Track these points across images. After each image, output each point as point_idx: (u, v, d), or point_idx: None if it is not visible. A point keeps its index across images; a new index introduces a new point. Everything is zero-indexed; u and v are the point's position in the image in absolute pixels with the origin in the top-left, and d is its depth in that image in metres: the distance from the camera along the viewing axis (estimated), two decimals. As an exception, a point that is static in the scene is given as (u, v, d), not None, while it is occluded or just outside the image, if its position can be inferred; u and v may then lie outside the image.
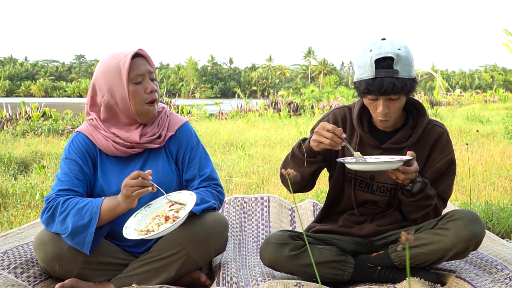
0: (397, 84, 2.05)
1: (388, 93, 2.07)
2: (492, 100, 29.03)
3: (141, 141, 2.30)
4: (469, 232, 2.07)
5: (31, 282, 2.18)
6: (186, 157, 2.40)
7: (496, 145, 8.00)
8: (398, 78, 2.06)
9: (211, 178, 2.40)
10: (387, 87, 2.05)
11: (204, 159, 2.44)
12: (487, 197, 4.35)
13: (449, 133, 2.35)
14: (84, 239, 2.08)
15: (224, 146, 8.80)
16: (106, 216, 2.11)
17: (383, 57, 2.07)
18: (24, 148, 8.08)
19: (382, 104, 2.12)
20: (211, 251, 2.27)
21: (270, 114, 16.63)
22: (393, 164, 2.04)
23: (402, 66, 2.07)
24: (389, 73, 2.06)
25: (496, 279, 2.20)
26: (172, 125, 2.41)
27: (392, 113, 2.16)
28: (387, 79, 2.05)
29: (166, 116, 2.42)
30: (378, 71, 2.07)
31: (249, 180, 5.51)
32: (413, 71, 2.13)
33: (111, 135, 2.28)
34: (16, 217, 3.97)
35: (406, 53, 2.10)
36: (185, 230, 2.18)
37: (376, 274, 2.25)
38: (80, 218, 2.08)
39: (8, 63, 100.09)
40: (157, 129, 2.35)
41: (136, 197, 2.05)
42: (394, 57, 2.06)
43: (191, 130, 2.47)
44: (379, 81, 2.06)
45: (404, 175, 2.07)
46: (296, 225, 3.32)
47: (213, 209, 2.29)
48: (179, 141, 2.41)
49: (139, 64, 2.28)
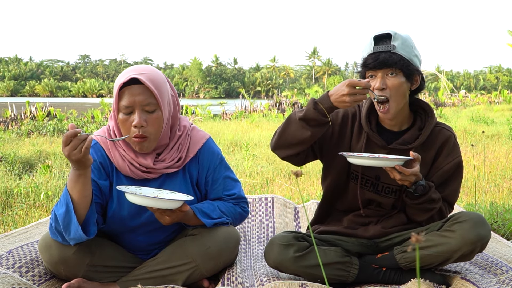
0: (393, 57, 2.13)
1: (384, 66, 2.13)
2: (497, 101, 28.96)
3: (157, 167, 2.18)
4: (475, 234, 2.06)
5: (36, 281, 2.18)
6: (209, 179, 2.30)
7: (501, 146, 7.97)
8: (395, 52, 2.14)
9: (239, 197, 2.35)
10: (383, 58, 2.13)
11: (230, 178, 2.35)
12: (492, 198, 4.33)
13: (456, 137, 2.35)
14: (74, 225, 1.97)
15: (228, 147, 8.79)
16: (74, 190, 1.97)
17: (382, 34, 2.18)
18: (29, 147, 8.10)
19: (379, 78, 2.16)
20: (220, 265, 2.26)
21: (274, 115, 16.62)
22: (388, 162, 2.06)
23: (400, 44, 2.15)
24: (386, 48, 2.15)
25: (501, 280, 2.19)
26: (192, 146, 2.27)
27: (391, 91, 2.16)
28: (384, 53, 2.14)
29: (187, 136, 2.27)
30: (376, 47, 2.17)
31: (253, 180, 5.51)
32: (414, 58, 2.19)
33: (128, 156, 2.16)
34: (21, 216, 3.98)
35: (406, 36, 2.19)
36: (197, 243, 2.17)
37: (381, 275, 2.25)
38: (60, 208, 1.99)
39: (13, 63, 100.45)
40: (176, 154, 2.22)
41: (86, 153, 1.88)
42: (392, 34, 2.16)
43: (213, 148, 2.33)
44: (376, 54, 2.15)
45: (400, 175, 2.07)
46: (300, 226, 3.32)
47: (225, 223, 2.25)
48: (200, 163, 2.28)
49: (132, 93, 2.07)
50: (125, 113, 2.09)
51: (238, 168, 6.33)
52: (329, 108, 2.11)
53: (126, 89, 2.08)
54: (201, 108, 18.41)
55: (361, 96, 2.05)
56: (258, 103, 21.17)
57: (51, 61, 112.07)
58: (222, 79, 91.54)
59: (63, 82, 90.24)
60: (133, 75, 2.06)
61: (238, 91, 48.18)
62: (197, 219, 2.15)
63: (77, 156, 1.88)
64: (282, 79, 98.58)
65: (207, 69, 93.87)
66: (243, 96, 20.64)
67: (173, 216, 2.06)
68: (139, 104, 2.07)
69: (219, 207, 2.24)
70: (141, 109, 2.08)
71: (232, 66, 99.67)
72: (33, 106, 15.45)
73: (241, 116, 16.87)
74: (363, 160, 2.09)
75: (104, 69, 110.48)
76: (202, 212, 2.17)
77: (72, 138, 1.87)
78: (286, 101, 19.49)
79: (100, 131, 2.23)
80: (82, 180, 1.97)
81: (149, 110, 2.09)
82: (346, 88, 2.04)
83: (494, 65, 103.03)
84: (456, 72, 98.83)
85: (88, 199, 2.01)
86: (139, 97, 2.07)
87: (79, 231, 1.98)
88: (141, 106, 2.08)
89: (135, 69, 2.11)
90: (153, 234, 2.29)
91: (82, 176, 1.96)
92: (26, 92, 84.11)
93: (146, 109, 2.09)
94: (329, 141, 2.34)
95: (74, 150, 1.87)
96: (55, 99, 55.13)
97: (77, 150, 1.87)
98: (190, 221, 2.16)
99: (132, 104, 2.07)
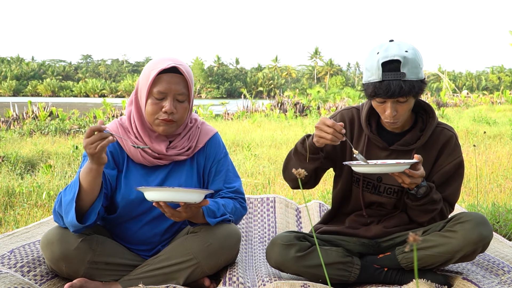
0: (404, 87, 2.05)
1: (395, 96, 2.07)
2: (499, 101, 28.91)
3: (169, 153, 2.27)
4: (477, 234, 2.06)
5: (38, 281, 2.18)
6: (212, 170, 2.39)
7: (503, 146, 7.96)
8: (406, 80, 2.06)
9: (238, 192, 2.40)
10: (394, 90, 2.05)
11: (232, 172, 2.43)
12: (494, 198, 4.33)
13: (458, 137, 2.35)
14: (71, 210, 2.01)
15: (230, 147, 8.79)
16: (85, 181, 2.01)
17: (390, 60, 2.07)
18: (31, 147, 8.10)
19: (390, 106, 2.12)
20: (221, 263, 2.27)
21: (276, 115, 16.61)
22: (399, 167, 2.03)
23: (409, 69, 2.07)
24: (396, 76, 2.06)
25: (503, 281, 2.19)
26: (202, 137, 2.38)
27: (401, 115, 2.15)
28: (394, 82, 2.05)
29: (197, 128, 2.38)
30: (385, 74, 2.07)
31: (255, 180, 5.51)
32: (421, 73, 2.12)
33: (141, 143, 2.25)
34: (22, 216, 3.99)
35: (414, 55, 2.09)
36: (198, 240, 2.19)
37: (383, 275, 2.25)
38: (68, 193, 2.05)
39: (15, 63, 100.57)
40: (187, 143, 2.32)
41: (100, 150, 1.94)
42: (401, 59, 2.05)
43: (220, 142, 2.44)
44: (386, 84, 2.06)
45: (410, 179, 2.06)
46: (302, 226, 3.32)
47: (227, 221, 2.27)
48: (207, 153, 2.39)
49: (169, 81, 2.18)
50: (157, 98, 2.18)
51: (240, 168, 6.33)
52: (311, 146, 2.17)
53: (164, 76, 2.17)
54: (203, 108, 18.40)
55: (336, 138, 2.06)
56: (260, 103, 21.15)
57: (53, 61, 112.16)
58: (224, 79, 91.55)
59: (65, 82, 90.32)
60: (174, 64, 2.17)
61: (240, 91, 48.21)
62: (203, 217, 2.16)
63: (92, 151, 1.94)
64: (284, 79, 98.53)
65: (209, 69, 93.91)
66: (245, 96, 20.62)
67: (189, 212, 2.09)
68: (174, 93, 2.18)
69: (223, 206, 2.25)
70: (174, 97, 2.19)
71: (234, 66, 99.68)
72: (35, 106, 15.46)
73: (243, 116, 16.87)
74: (371, 168, 2.07)
75: (106, 69, 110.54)
76: (209, 211, 2.18)
77: (94, 132, 1.93)
78: (288, 101, 19.44)
79: (112, 123, 2.31)
80: (93, 174, 2.02)
81: (180, 99, 2.21)
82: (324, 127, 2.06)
83: (496, 65, 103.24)
84: (458, 73, 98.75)
85: (95, 192, 2.06)
86: (176, 86, 2.18)
87: (74, 220, 2.01)
88: (175, 94, 2.19)
89: (173, 59, 2.22)
90: (157, 222, 2.31)
91: (94, 170, 2.01)
92: (28, 92, 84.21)
93: (178, 98, 2.20)
94: (334, 152, 2.35)
95: (92, 144, 1.93)
96: (57, 99, 55.23)
97: (94, 145, 1.93)
98: (198, 219, 2.18)
99: (168, 91, 2.17)
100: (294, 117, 16.15)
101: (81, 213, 2.06)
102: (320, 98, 25.29)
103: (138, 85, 2.27)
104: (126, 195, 2.25)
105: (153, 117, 2.20)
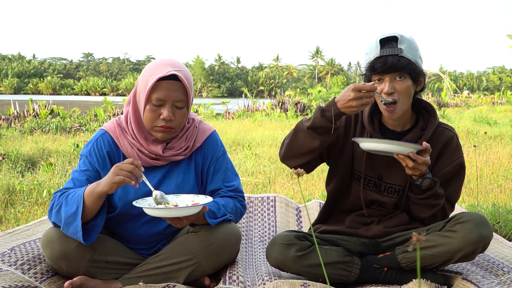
0: (402, 61, 2.12)
1: (392, 70, 2.12)
2: (500, 102, 28.94)
3: (166, 154, 2.26)
4: (477, 235, 2.06)
5: (38, 279, 2.18)
6: (210, 169, 2.38)
7: (504, 147, 7.96)
8: (403, 56, 2.13)
9: (237, 190, 2.39)
10: (391, 63, 2.12)
11: (230, 171, 2.42)
12: (494, 199, 4.33)
13: (459, 137, 2.35)
14: (76, 228, 2.03)
15: (230, 146, 8.79)
16: (89, 200, 2.03)
17: (388, 37, 2.17)
18: (32, 145, 8.11)
19: (387, 81, 2.15)
20: (221, 262, 2.27)
21: (277, 114, 16.61)
22: (406, 148, 2.05)
23: (406, 47, 2.15)
24: (393, 51, 2.14)
25: (502, 281, 2.19)
26: (199, 136, 2.37)
27: (399, 94, 2.16)
28: (391, 56, 2.13)
29: (195, 128, 2.37)
30: (383, 50, 2.15)
31: (256, 179, 5.51)
32: (419, 60, 2.19)
33: (137, 143, 2.25)
34: (23, 214, 3.99)
35: (412, 39, 2.18)
36: (199, 240, 2.19)
37: (383, 275, 2.25)
38: (69, 208, 2.05)
39: (16, 61, 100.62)
40: (184, 143, 2.32)
41: (118, 182, 1.97)
42: (398, 36, 2.15)
43: (218, 140, 2.43)
44: (384, 58, 2.13)
45: (413, 162, 2.06)
46: (302, 225, 3.32)
47: (228, 220, 2.27)
48: (205, 152, 2.38)
49: (168, 88, 2.15)
50: (155, 105, 2.17)
51: (240, 167, 6.33)
52: (336, 115, 2.10)
53: (163, 83, 2.15)
54: (204, 107, 18.40)
55: (367, 100, 2.04)
56: (260, 102, 21.17)
57: (54, 59, 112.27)
58: (225, 78, 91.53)
59: (66, 80, 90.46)
60: (174, 72, 2.14)
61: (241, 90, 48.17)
62: (204, 218, 2.17)
63: (119, 179, 1.96)
64: (285, 78, 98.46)
65: (210, 68, 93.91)
66: (246, 95, 20.64)
67: (190, 220, 2.11)
68: (173, 99, 2.17)
69: (223, 206, 2.25)
70: (172, 104, 2.18)
71: (235, 65, 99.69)
72: (36, 104, 15.49)
73: (244, 115, 16.87)
74: (378, 145, 2.07)
75: (107, 67, 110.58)
76: (209, 212, 2.18)
77: (133, 172, 1.98)
78: (289, 101, 19.46)
79: (110, 123, 2.31)
80: (96, 195, 2.02)
81: (178, 106, 2.20)
82: (352, 93, 2.03)
83: (497, 66, 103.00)
84: (459, 73, 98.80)
85: (97, 209, 2.08)
86: (175, 93, 2.17)
87: (79, 235, 2.03)
88: (173, 101, 2.18)
89: (173, 65, 2.18)
90: (156, 222, 2.30)
91: (99, 193, 2.01)
92: (29, 90, 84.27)
93: (177, 104, 2.19)
94: (335, 145, 2.35)
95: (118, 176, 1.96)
96: (58, 97, 55.22)
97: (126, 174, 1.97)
98: (198, 220, 2.18)
99: (166, 98, 2.16)
100: (295, 117, 16.15)
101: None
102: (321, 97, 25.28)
103: (136, 87, 2.26)
104: (123, 196, 2.25)
105: (151, 124, 2.20)
